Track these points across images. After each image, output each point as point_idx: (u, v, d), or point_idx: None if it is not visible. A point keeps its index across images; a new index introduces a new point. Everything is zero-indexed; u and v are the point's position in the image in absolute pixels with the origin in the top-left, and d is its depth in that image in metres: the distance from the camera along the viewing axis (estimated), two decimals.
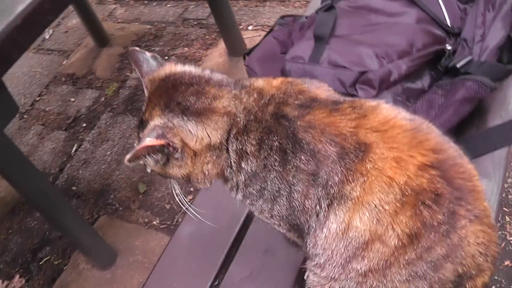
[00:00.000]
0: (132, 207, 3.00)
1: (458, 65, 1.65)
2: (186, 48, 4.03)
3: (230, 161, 1.19)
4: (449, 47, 1.71)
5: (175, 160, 1.20)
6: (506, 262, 2.18)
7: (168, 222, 2.82)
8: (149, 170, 1.29)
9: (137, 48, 1.36)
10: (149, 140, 1.13)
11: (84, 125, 3.71)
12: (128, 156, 1.14)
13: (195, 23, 4.33)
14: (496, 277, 2.14)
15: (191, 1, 4.60)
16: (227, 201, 1.34)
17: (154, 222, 2.86)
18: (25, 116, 3.99)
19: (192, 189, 2.67)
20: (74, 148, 3.53)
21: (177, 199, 1.36)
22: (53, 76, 4.32)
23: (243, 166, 1.17)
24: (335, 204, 1.08)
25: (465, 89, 1.58)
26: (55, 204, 2.36)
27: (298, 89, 1.21)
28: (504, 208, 2.37)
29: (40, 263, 2.89)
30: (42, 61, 4.56)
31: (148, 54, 1.35)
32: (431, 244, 1.03)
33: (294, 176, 1.11)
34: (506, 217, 2.34)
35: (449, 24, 1.80)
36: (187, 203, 1.40)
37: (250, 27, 4.02)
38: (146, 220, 2.89)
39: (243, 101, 1.19)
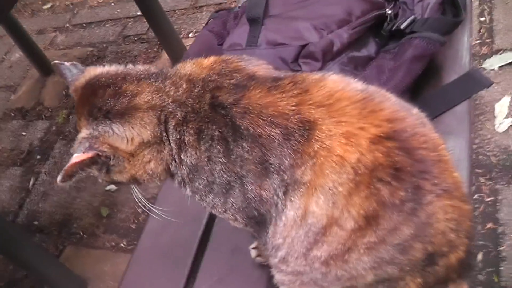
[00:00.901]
0: (97, 232, 2.89)
1: (402, 27, 1.60)
2: (130, 65, 3.92)
3: (173, 153, 1.10)
4: (389, 11, 1.65)
5: (112, 166, 1.11)
6: (489, 225, 2.12)
7: (135, 242, 2.68)
8: (100, 181, 1.19)
9: (57, 61, 1.27)
10: (76, 156, 1.05)
11: (38, 157, 3.58)
12: (59, 178, 1.05)
13: (136, 39, 4.26)
14: (481, 242, 2.07)
15: (129, 18, 4.51)
16: (186, 207, 1.25)
17: (121, 244, 2.76)
18: None
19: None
20: (31, 182, 3.39)
21: (137, 201, 1.26)
22: (2, 113, 4.17)
23: (182, 157, 1.08)
24: (290, 191, 0.99)
25: (413, 48, 1.51)
26: (15, 242, 2.25)
27: (234, 67, 1.12)
28: (476, 170, 2.30)
29: None
30: None
31: (67, 63, 1.26)
32: (395, 224, 0.94)
33: (241, 167, 1.02)
34: (481, 178, 2.28)
35: None
36: (149, 204, 1.29)
37: (190, 35, 3.98)
38: (113, 243, 2.78)
39: (170, 94, 1.10)
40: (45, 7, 5.19)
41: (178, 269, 1.56)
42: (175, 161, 1.10)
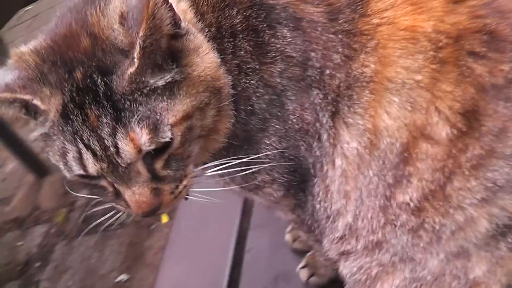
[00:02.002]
0: None
1: None
2: None
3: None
4: None
5: (185, 37, 0.70)
6: None
7: None
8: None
9: None
10: None
11: (37, 264, 3.25)
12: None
13: None
14: None
15: None
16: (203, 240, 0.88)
17: None
18: None
19: None
20: None
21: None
22: None
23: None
24: (345, 108, 0.66)
25: None
26: None
27: None
28: None
29: None
30: None
31: None
32: (503, 121, 0.58)
33: (281, 74, 0.68)
34: None
35: None
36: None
37: None
38: None
39: None
40: None
41: None
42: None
